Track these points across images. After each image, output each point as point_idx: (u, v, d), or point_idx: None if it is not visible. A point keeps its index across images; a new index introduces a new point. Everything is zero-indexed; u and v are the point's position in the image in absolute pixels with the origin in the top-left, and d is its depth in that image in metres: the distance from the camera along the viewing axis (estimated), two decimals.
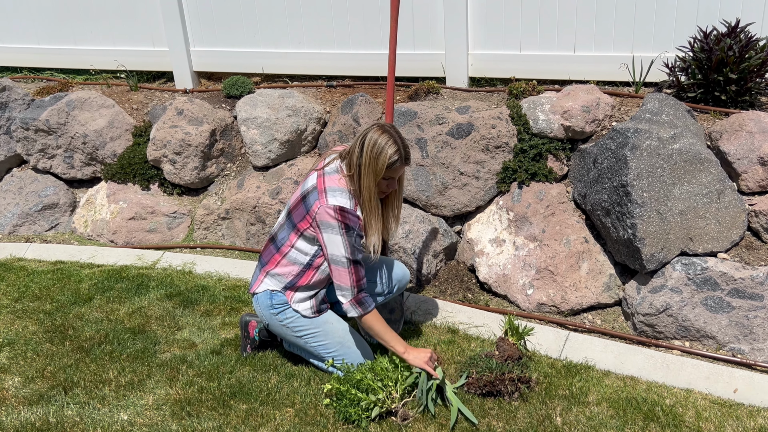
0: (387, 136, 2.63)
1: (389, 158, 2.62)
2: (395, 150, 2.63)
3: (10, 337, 3.39)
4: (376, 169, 2.63)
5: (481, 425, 2.60)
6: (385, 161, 2.62)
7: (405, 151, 2.67)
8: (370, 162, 2.62)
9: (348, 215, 2.63)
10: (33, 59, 5.86)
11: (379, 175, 2.64)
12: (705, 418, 2.62)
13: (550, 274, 3.53)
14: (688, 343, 3.15)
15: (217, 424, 2.64)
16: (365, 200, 2.68)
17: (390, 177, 2.70)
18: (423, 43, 4.53)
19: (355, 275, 2.66)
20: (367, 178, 2.64)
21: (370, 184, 2.65)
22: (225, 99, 4.96)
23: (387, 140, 2.63)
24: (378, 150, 2.62)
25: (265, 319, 2.94)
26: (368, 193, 2.67)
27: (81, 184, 5.13)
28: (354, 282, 2.66)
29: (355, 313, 2.71)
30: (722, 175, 3.28)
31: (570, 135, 3.83)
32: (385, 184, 2.72)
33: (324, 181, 2.71)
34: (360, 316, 2.72)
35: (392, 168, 2.66)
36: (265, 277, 2.89)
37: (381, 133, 2.64)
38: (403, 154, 2.66)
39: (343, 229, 2.62)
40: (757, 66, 3.56)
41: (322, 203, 2.64)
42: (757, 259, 3.18)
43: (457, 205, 3.94)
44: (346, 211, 2.63)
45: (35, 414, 2.73)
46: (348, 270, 2.65)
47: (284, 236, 2.83)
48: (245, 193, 4.41)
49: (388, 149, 2.62)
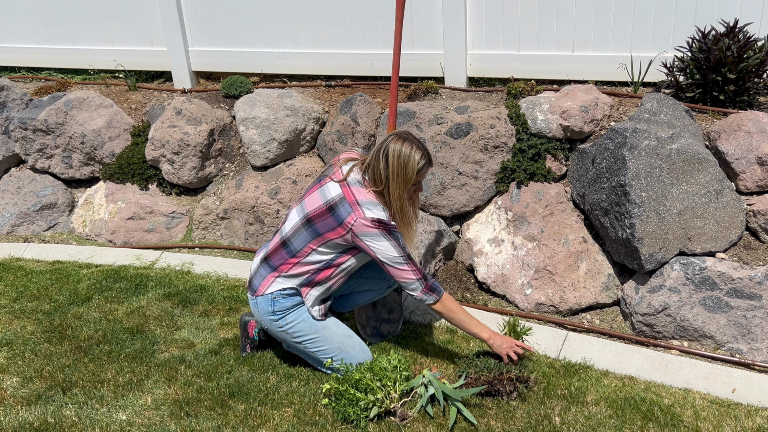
0: (409, 144, 2.67)
1: (417, 164, 2.66)
2: (421, 155, 2.68)
3: (9, 337, 3.38)
4: (406, 177, 2.67)
5: (480, 425, 2.60)
6: (414, 168, 2.66)
7: (428, 154, 2.73)
8: (399, 172, 2.65)
9: (388, 227, 2.67)
10: (31, 59, 5.85)
11: (409, 182, 2.68)
12: (703, 418, 2.62)
13: (548, 273, 3.53)
14: (686, 342, 3.16)
15: (215, 424, 2.64)
16: (396, 211, 2.72)
17: (418, 182, 2.74)
18: (421, 43, 4.53)
19: (415, 266, 2.70)
20: (398, 188, 2.67)
21: (401, 194, 2.69)
22: (223, 99, 4.96)
23: (410, 147, 2.67)
24: (405, 159, 2.65)
25: (264, 324, 2.91)
26: (399, 203, 2.70)
27: (79, 184, 5.13)
28: (418, 274, 2.70)
29: (431, 301, 2.73)
30: (720, 175, 3.28)
31: (568, 135, 3.83)
32: (413, 190, 2.77)
33: (353, 193, 2.70)
34: (435, 302, 2.73)
35: (421, 173, 2.71)
36: (275, 279, 2.84)
37: (402, 142, 2.67)
38: (428, 157, 2.72)
39: (387, 234, 2.65)
40: (756, 66, 3.56)
41: (358, 216, 2.64)
42: (755, 258, 3.18)
43: (455, 205, 3.94)
44: (384, 222, 2.65)
45: (33, 414, 2.73)
46: (408, 265, 2.68)
47: (302, 242, 2.78)
48: (244, 193, 4.41)
49: (414, 155, 2.66)
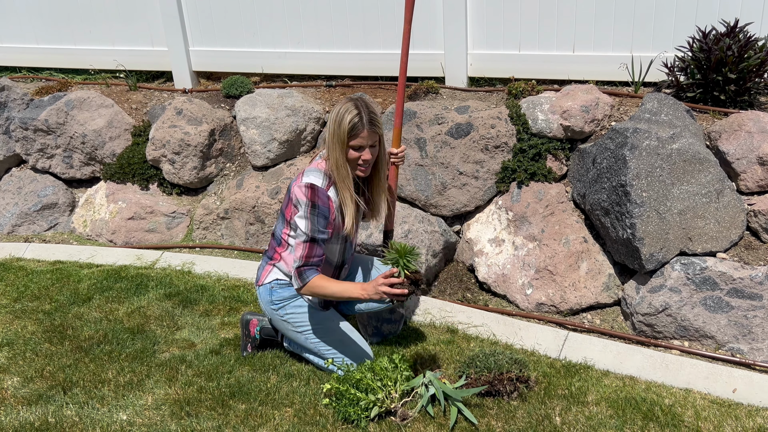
0: (349, 104, 2.66)
1: (349, 122, 2.62)
2: (356, 113, 2.63)
3: (9, 337, 3.38)
4: (341, 136, 2.64)
5: (480, 425, 2.60)
6: (346, 126, 2.62)
7: (368, 115, 2.65)
8: (334, 131, 2.66)
9: (318, 193, 2.67)
10: (32, 59, 5.85)
11: (344, 143, 2.65)
12: (704, 418, 2.62)
13: (549, 273, 3.53)
14: (687, 342, 3.15)
15: (216, 423, 2.64)
16: (333, 170, 2.70)
17: (358, 146, 2.67)
18: (422, 43, 4.53)
19: (307, 251, 2.69)
20: (334, 150, 2.67)
21: (337, 155, 2.67)
22: (224, 99, 4.96)
23: (348, 106, 2.65)
24: (339, 117, 2.65)
25: (267, 313, 2.99)
26: (335, 164, 2.69)
27: (80, 184, 5.13)
28: (304, 255, 2.69)
29: (296, 285, 2.74)
30: (721, 175, 3.28)
31: (569, 135, 3.83)
32: (356, 156, 2.69)
33: (307, 166, 2.80)
34: (298, 288, 2.74)
35: (355, 133, 2.64)
36: (272, 269, 2.95)
37: (344, 103, 2.68)
38: (365, 117, 2.64)
39: (310, 207, 2.66)
40: (756, 66, 3.56)
41: (297, 182, 2.72)
42: (756, 258, 3.18)
43: (456, 205, 3.94)
44: (316, 188, 2.67)
45: (34, 414, 2.73)
46: (304, 245, 2.69)
47: (279, 230, 2.91)
48: (244, 193, 4.41)
49: (347, 114, 2.63)
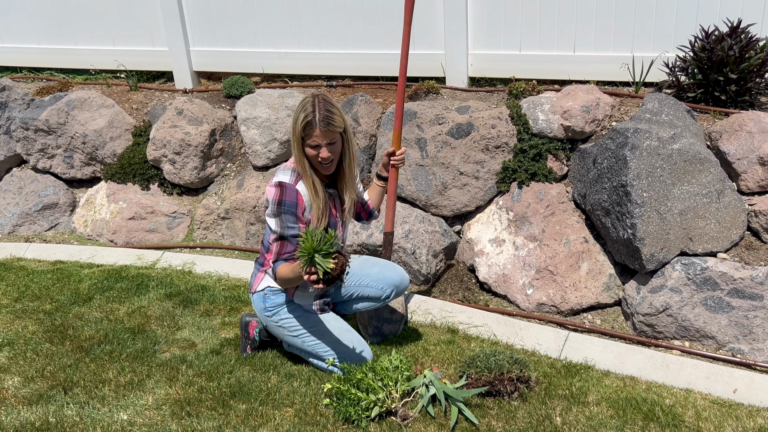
0: (306, 102, 2.67)
1: (302, 121, 2.65)
2: (309, 112, 2.64)
3: (10, 337, 3.39)
4: (296, 134, 2.69)
5: (481, 425, 2.60)
6: (299, 125, 2.66)
7: (322, 114, 2.64)
8: (292, 128, 2.72)
9: (285, 189, 2.71)
10: (33, 59, 5.86)
11: (299, 140, 2.69)
12: (705, 418, 2.62)
13: (549, 274, 3.53)
14: (687, 343, 3.15)
15: (216, 423, 2.64)
16: (297, 166, 2.76)
17: (315, 144, 2.68)
18: (423, 43, 4.53)
19: (279, 248, 2.75)
20: (294, 147, 2.73)
21: (297, 152, 2.73)
22: (225, 99, 4.96)
23: (304, 104, 2.67)
24: (296, 115, 2.69)
25: (262, 320, 3.00)
26: (296, 160, 2.75)
27: (81, 184, 5.13)
28: (276, 252, 2.76)
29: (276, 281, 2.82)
30: (722, 175, 3.28)
31: (570, 135, 3.83)
32: (314, 154, 2.71)
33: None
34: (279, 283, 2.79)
35: (308, 132, 2.66)
36: (263, 275, 2.95)
37: (302, 100, 2.70)
38: (317, 116, 2.63)
39: (276, 205, 2.71)
40: (757, 66, 3.56)
41: (269, 183, 2.77)
42: (756, 259, 3.17)
43: (456, 205, 3.94)
44: (283, 185, 2.72)
45: (35, 414, 2.73)
46: (276, 243, 2.76)
47: (267, 236, 2.91)
48: (245, 193, 4.41)
49: (301, 113, 2.66)
